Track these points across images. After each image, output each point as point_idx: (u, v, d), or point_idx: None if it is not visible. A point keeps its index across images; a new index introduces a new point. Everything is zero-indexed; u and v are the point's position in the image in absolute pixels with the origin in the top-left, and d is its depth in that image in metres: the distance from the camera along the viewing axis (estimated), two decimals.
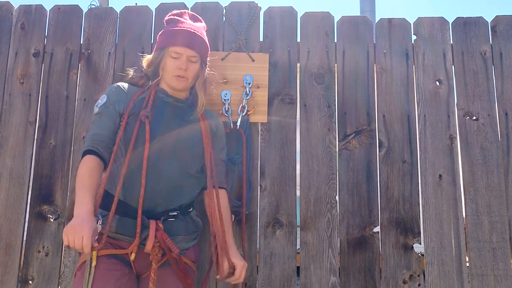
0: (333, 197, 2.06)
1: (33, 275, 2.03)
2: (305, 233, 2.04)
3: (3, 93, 2.19)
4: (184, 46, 1.78)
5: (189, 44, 1.79)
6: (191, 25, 1.84)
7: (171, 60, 1.78)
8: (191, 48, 1.79)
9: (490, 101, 2.11)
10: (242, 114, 2.09)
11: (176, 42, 1.78)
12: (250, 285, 2.01)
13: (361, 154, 2.09)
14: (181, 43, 1.78)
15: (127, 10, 2.26)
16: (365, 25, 2.22)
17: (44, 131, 2.14)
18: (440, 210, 2.03)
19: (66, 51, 2.22)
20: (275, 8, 2.24)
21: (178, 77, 1.78)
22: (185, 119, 1.82)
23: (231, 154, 2.05)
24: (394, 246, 2.01)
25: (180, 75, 1.78)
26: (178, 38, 1.79)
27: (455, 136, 2.09)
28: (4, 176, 2.11)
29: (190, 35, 1.80)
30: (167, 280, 1.67)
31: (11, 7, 2.29)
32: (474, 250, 2.00)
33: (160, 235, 1.63)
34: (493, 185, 2.04)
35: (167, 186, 1.70)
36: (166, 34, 1.83)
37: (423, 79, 2.15)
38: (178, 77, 1.78)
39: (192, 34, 1.81)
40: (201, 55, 1.83)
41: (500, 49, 2.16)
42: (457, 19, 2.21)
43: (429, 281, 1.99)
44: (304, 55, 2.18)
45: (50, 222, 2.07)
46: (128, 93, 1.81)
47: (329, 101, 2.14)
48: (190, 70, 1.79)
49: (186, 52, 1.78)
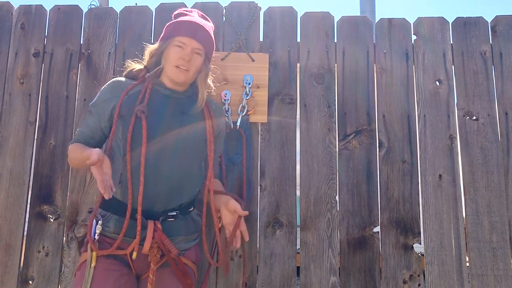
0: (333, 197, 2.06)
1: (33, 275, 2.03)
2: (305, 233, 2.04)
3: (3, 93, 2.19)
4: (190, 36, 1.74)
5: (195, 35, 1.75)
6: (199, 19, 1.82)
7: (175, 49, 1.74)
8: (197, 40, 1.75)
9: (490, 101, 2.11)
10: (242, 114, 2.09)
11: (182, 32, 1.74)
12: (250, 285, 2.01)
13: (361, 154, 2.09)
14: (187, 33, 1.74)
15: (127, 10, 2.26)
16: (365, 25, 2.22)
17: (44, 131, 2.14)
18: (440, 210, 2.03)
19: (66, 51, 2.22)
20: (275, 8, 2.24)
21: (179, 68, 1.73)
22: (185, 113, 1.77)
23: (231, 154, 2.05)
24: (394, 246, 2.01)
25: (182, 66, 1.73)
26: (185, 28, 1.75)
27: (455, 136, 2.09)
28: (4, 176, 2.11)
29: (198, 27, 1.76)
30: (167, 281, 1.66)
31: (11, 7, 2.29)
32: (474, 250, 2.00)
33: (158, 235, 1.61)
34: (493, 185, 2.04)
35: (166, 186, 1.67)
36: (173, 25, 1.78)
37: (423, 79, 2.15)
38: (179, 68, 1.73)
39: (199, 26, 1.77)
40: (206, 50, 1.79)
41: (500, 49, 2.16)
42: (457, 19, 2.21)
43: (429, 281, 1.99)
44: (304, 55, 2.18)
45: (50, 222, 2.07)
46: (124, 88, 1.77)
47: (329, 101, 2.14)
48: (193, 62, 1.75)
49: (191, 43, 1.74)
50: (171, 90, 1.79)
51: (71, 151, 1.73)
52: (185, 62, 1.73)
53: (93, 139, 1.76)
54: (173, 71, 1.74)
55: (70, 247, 2.05)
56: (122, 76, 1.87)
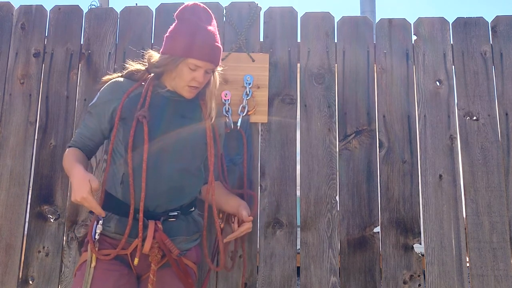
0: (333, 197, 2.06)
1: (33, 275, 2.03)
2: (305, 233, 2.04)
3: (4, 93, 2.19)
4: (205, 60, 1.70)
5: (211, 59, 1.71)
6: (212, 33, 1.73)
7: (188, 70, 1.70)
8: (211, 62, 1.72)
9: (490, 101, 2.11)
10: (243, 115, 2.09)
11: (198, 56, 1.68)
12: (250, 286, 2.01)
13: (361, 154, 2.09)
14: (204, 58, 1.68)
15: (128, 10, 2.26)
16: (365, 25, 2.22)
17: (45, 131, 2.14)
18: (441, 210, 2.03)
19: (67, 51, 2.22)
20: (276, 8, 2.24)
21: (191, 87, 1.73)
22: (186, 115, 1.77)
23: (232, 154, 2.05)
24: (394, 246, 2.01)
25: (194, 85, 1.73)
26: (201, 53, 1.68)
27: (455, 136, 2.09)
28: (4, 176, 2.11)
29: (213, 49, 1.71)
30: (167, 281, 1.66)
31: (11, 8, 2.29)
32: (475, 250, 2.00)
33: (159, 236, 1.61)
34: (493, 185, 2.03)
35: (167, 187, 1.67)
36: (187, 42, 1.68)
37: (424, 79, 2.15)
38: (191, 87, 1.73)
39: (215, 48, 1.72)
40: (216, 65, 1.76)
41: (500, 49, 2.16)
42: (457, 19, 2.21)
43: (429, 281, 1.99)
44: (304, 55, 2.18)
45: (50, 222, 2.07)
46: (125, 89, 1.75)
47: (329, 101, 2.14)
48: (204, 80, 1.74)
49: (205, 65, 1.71)
50: (172, 92, 1.78)
51: (65, 158, 1.71)
52: (198, 84, 1.73)
53: (92, 141, 1.76)
54: (184, 89, 1.74)
55: (70, 247, 2.05)
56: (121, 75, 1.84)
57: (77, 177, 1.54)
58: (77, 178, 1.54)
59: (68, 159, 1.68)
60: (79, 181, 1.53)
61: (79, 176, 1.54)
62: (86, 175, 1.54)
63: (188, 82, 1.72)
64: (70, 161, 1.65)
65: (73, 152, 1.71)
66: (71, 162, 1.64)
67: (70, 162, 1.65)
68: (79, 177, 1.54)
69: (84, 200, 1.51)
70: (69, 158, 1.68)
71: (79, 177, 1.54)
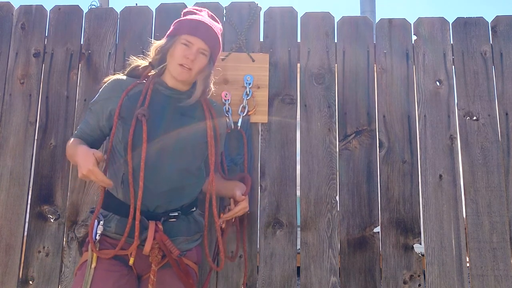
0: (333, 197, 2.06)
1: (33, 275, 2.03)
2: (305, 233, 2.04)
3: (4, 93, 2.19)
4: (198, 36, 1.72)
5: (203, 36, 1.73)
6: (209, 21, 1.79)
7: (181, 46, 1.72)
8: (204, 40, 1.73)
9: (490, 101, 2.11)
10: (243, 115, 2.09)
11: (190, 31, 1.72)
12: (250, 286, 2.01)
13: (361, 154, 2.09)
14: (195, 33, 1.72)
15: (128, 10, 2.26)
16: (365, 25, 2.22)
17: (45, 132, 2.14)
18: (441, 210, 2.03)
19: (67, 52, 2.22)
20: (276, 8, 2.24)
21: (182, 66, 1.71)
22: (186, 114, 1.76)
23: (233, 154, 2.05)
24: (394, 246, 2.01)
25: (185, 64, 1.71)
26: (193, 28, 1.72)
27: (455, 136, 2.09)
28: (4, 176, 2.11)
29: (206, 28, 1.74)
30: (168, 282, 1.66)
31: (11, 8, 2.29)
32: (475, 250, 2.00)
33: (159, 236, 1.61)
34: (494, 185, 2.04)
35: (167, 187, 1.67)
36: (181, 22, 1.76)
37: (424, 79, 2.15)
38: (182, 67, 1.71)
39: (208, 27, 1.75)
40: (212, 51, 1.77)
41: (500, 49, 2.16)
42: (457, 19, 2.21)
43: (430, 281, 1.99)
44: (304, 55, 2.18)
45: (51, 223, 2.07)
46: (125, 87, 1.75)
47: (329, 101, 2.14)
48: (197, 62, 1.72)
49: (198, 43, 1.72)
50: (173, 90, 1.77)
51: (68, 147, 1.74)
52: (189, 61, 1.71)
53: (91, 137, 1.77)
54: (176, 68, 1.72)
55: (70, 247, 2.05)
56: (124, 73, 1.85)
57: (81, 153, 1.56)
58: (81, 154, 1.55)
59: (71, 146, 1.71)
60: (83, 156, 1.54)
61: (83, 152, 1.56)
62: (90, 150, 1.56)
63: (180, 60, 1.71)
64: (73, 146, 1.68)
65: (75, 140, 1.72)
66: (74, 146, 1.67)
67: (73, 146, 1.67)
68: (82, 153, 1.55)
69: (91, 172, 1.51)
70: (72, 144, 1.70)
71: (82, 152, 1.56)
